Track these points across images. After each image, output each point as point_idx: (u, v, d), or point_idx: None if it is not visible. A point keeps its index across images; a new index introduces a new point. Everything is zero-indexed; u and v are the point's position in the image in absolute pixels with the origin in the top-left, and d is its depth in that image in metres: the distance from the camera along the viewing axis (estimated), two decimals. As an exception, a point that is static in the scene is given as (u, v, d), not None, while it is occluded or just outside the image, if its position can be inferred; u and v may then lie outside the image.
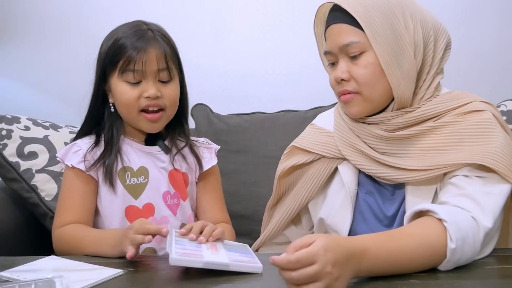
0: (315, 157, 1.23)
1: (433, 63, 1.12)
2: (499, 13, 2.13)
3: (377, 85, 1.08)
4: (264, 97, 2.20)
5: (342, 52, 1.10)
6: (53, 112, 2.16)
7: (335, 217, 1.18)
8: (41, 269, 0.99)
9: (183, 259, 0.92)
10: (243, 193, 1.92)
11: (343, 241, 0.84)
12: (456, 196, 0.99)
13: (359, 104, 1.11)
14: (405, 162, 1.08)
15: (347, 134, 1.18)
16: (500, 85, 2.11)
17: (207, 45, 2.22)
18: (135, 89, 1.21)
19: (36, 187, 1.66)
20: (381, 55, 1.06)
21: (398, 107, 1.11)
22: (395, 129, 1.11)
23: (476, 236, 0.92)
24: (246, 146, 1.96)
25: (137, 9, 2.20)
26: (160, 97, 1.22)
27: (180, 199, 1.29)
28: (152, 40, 1.21)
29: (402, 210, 1.11)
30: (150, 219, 1.24)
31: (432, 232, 0.90)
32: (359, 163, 1.15)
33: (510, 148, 1.03)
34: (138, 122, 1.24)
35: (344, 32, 1.09)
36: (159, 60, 1.21)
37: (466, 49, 2.10)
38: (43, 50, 2.24)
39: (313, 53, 2.16)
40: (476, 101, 1.10)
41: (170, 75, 1.24)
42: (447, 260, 0.90)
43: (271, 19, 2.20)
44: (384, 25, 1.06)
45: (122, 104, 1.23)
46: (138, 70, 1.19)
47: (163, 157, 1.29)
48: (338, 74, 1.11)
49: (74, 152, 1.25)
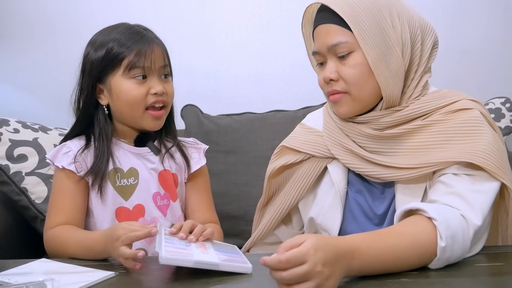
0: (305, 157, 1.23)
1: (421, 62, 1.12)
2: (486, 12, 2.15)
3: (366, 85, 1.09)
4: (254, 97, 2.21)
5: (331, 52, 1.10)
6: (42, 114, 2.15)
7: (325, 216, 1.18)
8: (32, 272, 0.99)
9: (174, 257, 0.91)
10: (234, 194, 1.92)
11: (333, 241, 0.84)
12: (445, 194, 1.00)
13: (348, 103, 1.12)
14: (394, 161, 1.09)
15: (336, 133, 1.19)
16: (488, 83, 2.13)
17: (196, 46, 2.22)
18: (141, 86, 1.22)
19: (26, 189, 1.65)
20: (369, 55, 1.07)
21: (386, 106, 1.12)
22: (384, 128, 1.12)
23: (465, 234, 0.93)
24: (236, 147, 1.97)
25: (125, 11, 2.20)
26: (165, 94, 1.25)
27: (170, 200, 1.30)
28: (154, 39, 1.26)
29: (392, 208, 1.12)
30: (140, 220, 1.25)
31: (422, 231, 0.91)
32: (348, 162, 1.15)
33: (498, 146, 1.04)
34: (142, 120, 1.25)
35: (332, 32, 1.09)
36: (164, 57, 1.26)
37: (454, 47, 2.12)
38: (30, 52, 2.23)
39: (302, 53, 2.17)
40: (464, 99, 1.11)
41: (170, 71, 1.29)
42: (438, 258, 0.90)
43: (260, 20, 2.21)
44: (372, 25, 1.07)
45: (128, 102, 1.22)
46: (148, 67, 1.21)
47: (153, 158, 1.29)
48: (327, 74, 1.11)
49: (64, 154, 1.24)
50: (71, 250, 1.13)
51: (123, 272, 0.98)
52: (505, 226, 1.09)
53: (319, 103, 1.96)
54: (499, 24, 2.15)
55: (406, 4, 1.14)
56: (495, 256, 1.00)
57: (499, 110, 1.94)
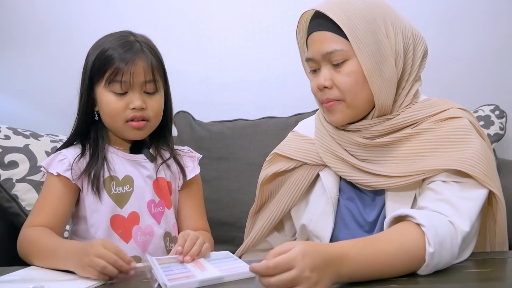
0: (297, 164, 1.24)
1: (412, 71, 1.13)
2: (477, 20, 2.17)
3: (360, 93, 1.10)
4: (246, 104, 2.22)
5: (325, 60, 1.11)
6: (33, 120, 2.14)
7: (317, 223, 1.19)
8: (21, 280, 0.99)
9: (180, 283, 0.91)
10: (226, 200, 1.92)
11: (321, 247, 0.85)
12: (434, 201, 1.01)
13: (341, 111, 1.12)
14: (384, 169, 1.10)
15: (327, 141, 1.19)
16: (477, 90, 2.15)
17: (188, 53, 2.23)
18: (121, 100, 1.21)
19: (16, 196, 1.64)
20: (364, 63, 1.07)
21: (378, 114, 1.12)
22: (375, 136, 1.13)
23: (453, 240, 0.93)
24: (229, 153, 1.97)
25: (118, 18, 2.20)
26: (145, 109, 1.23)
27: (164, 208, 1.29)
28: (140, 52, 1.22)
29: (382, 215, 1.13)
30: (134, 228, 1.24)
31: (411, 237, 0.91)
32: (339, 170, 1.16)
33: (486, 154, 1.05)
34: (124, 131, 1.25)
35: (327, 40, 1.10)
36: (146, 72, 1.22)
37: (445, 55, 2.14)
38: (24, 59, 2.23)
39: (294, 60, 2.17)
40: (453, 108, 1.12)
41: (156, 87, 1.24)
42: (426, 264, 0.91)
43: (252, 27, 2.22)
44: (367, 34, 1.07)
45: (108, 114, 1.23)
46: (125, 82, 1.19)
47: (148, 165, 1.29)
48: (321, 81, 1.11)
49: (60, 161, 1.23)
50: (37, 256, 1.10)
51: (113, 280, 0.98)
52: (493, 233, 1.09)
53: (311, 110, 1.97)
54: (489, 33, 2.17)
55: (399, 13, 1.15)
56: (483, 262, 1.01)
57: (489, 117, 1.96)
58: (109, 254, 0.96)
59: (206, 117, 2.10)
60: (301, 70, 1.27)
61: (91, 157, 1.24)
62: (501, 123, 1.97)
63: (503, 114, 1.99)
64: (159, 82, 1.25)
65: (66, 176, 1.21)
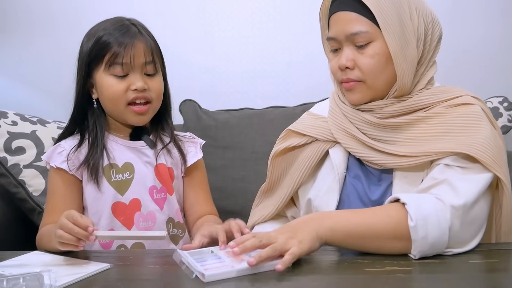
0: (308, 140, 1.24)
1: (428, 55, 1.14)
2: (485, 11, 2.15)
3: (382, 75, 1.11)
4: (252, 93, 2.21)
5: (348, 40, 1.11)
6: (40, 107, 2.15)
7: (322, 199, 1.20)
8: (27, 264, 0.99)
9: (217, 273, 0.88)
10: (232, 189, 1.93)
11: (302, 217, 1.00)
12: (431, 184, 1.02)
13: (362, 91, 1.13)
14: (394, 148, 1.11)
15: (340, 119, 1.20)
16: (485, 82, 2.14)
17: (195, 41, 2.22)
18: (122, 82, 1.22)
19: (23, 182, 1.65)
20: (391, 45, 1.08)
21: (397, 95, 1.13)
22: (387, 116, 1.13)
23: (440, 213, 0.94)
24: (234, 142, 1.97)
25: (125, 5, 2.19)
26: (147, 90, 1.23)
27: (167, 194, 1.30)
28: (138, 34, 1.23)
29: (387, 195, 1.13)
30: (136, 214, 1.25)
31: (394, 213, 0.96)
32: (350, 147, 1.17)
33: (496, 142, 1.05)
34: (125, 115, 1.25)
35: (352, 21, 1.10)
36: (146, 53, 1.23)
37: (453, 46, 2.12)
38: (31, 45, 2.23)
39: (301, 49, 2.19)
40: (467, 95, 1.13)
41: (156, 68, 1.26)
42: (413, 240, 0.93)
43: (260, 16, 2.21)
44: (393, 16, 1.08)
45: (109, 97, 1.23)
46: (126, 63, 1.20)
47: (148, 151, 1.29)
48: (343, 62, 1.12)
49: (58, 153, 1.25)
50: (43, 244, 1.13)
51: (119, 264, 0.99)
52: (499, 223, 1.10)
53: (318, 100, 1.95)
54: (498, 24, 2.15)
55: None
56: (489, 253, 1.01)
57: (497, 109, 1.95)
58: (66, 223, 0.98)
59: (212, 106, 2.09)
60: (308, 59, 1.27)
61: (90, 147, 1.25)
62: (510, 115, 1.96)
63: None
64: (157, 64, 1.26)
65: (63, 167, 1.22)
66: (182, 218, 1.34)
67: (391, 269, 0.90)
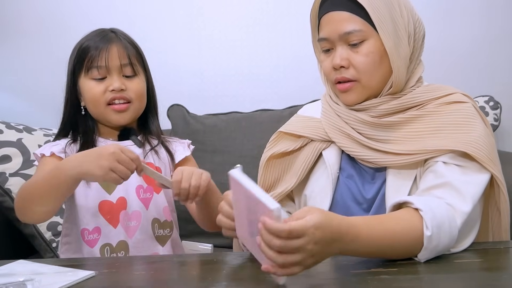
0: (304, 142, 1.23)
1: (416, 53, 1.15)
2: (471, 12, 2.17)
3: (376, 73, 1.11)
4: (240, 96, 2.21)
5: (341, 40, 1.11)
6: (27, 115, 2.14)
7: (316, 199, 1.19)
8: (11, 273, 0.98)
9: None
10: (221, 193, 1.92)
11: (336, 222, 0.84)
12: (436, 186, 1.01)
13: (357, 91, 1.13)
14: (389, 147, 1.11)
15: (334, 119, 1.20)
16: (472, 81, 2.14)
17: (182, 46, 2.22)
18: (100, 84, 1.27)
19: (10, 190, 1.64)
20: (387, 42, 1.08)
21: (392, 93, 1.13)
22: (381, 115, 1.14)
23: (452, 222, 0.94)
24: (223, 146, 1.97)
25: (112, 11, 2.18)
26: (125, 90, 1.27)
27: (153, 193, 1.31)
28: (114, 39, 1.29)
29: (381, 193, 1.13)
30: (122, 213, 1.26)
31: (411, 221, 0.93)
32: (345, 146, 1.17)
33: (489, 139, 1.06)
34: (106, 115, 1.28)
35: (345, 20, 1.10)
36: (121, 55, 1.27)
37: (440, 47, 2.13)
38: (17, 52, 2.22)
39: (288, 52, 2.19)
40: (458, 93, 1.14)
41: (134, 70, 1.30)
42: (424, 247, 0.91)
43: (246, 20, 2.21)
44: (386, 13, 1.08)
45: (89, 100, 1.28)
46: (101, 66, 1.26)
47: (136, 151, 1.30)
48: (337, 61, 1.12)
49: (53, 145, 1.27)
50: (41, 187, 1.12)
51: (104, 272, 0.98)
52: (496, 220, 1.10)
53: (306, 102, 1.96)
54: (483, 24, 2.16)
55: None
56: (485, 252, 1.01)
57: (483, 108, 1.96)
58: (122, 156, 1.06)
59: (200, 110, 2.09)
60: (295, 62, 1.27)
61: (82, 145, 1.28)
62: (496, 114, 1.97)
63: (498, 105, 1.99)
64: (136, 66, 1.30)
65: (61, 156, 1.24)
66: (170, 215, 1.34)
67: (376, 271, 0.90)
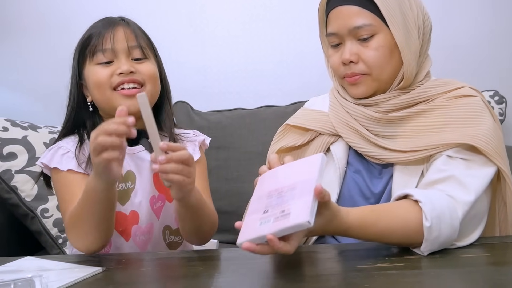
0: (312, 136, 1.23)
1: (424, 46, 1.15)
2: (476, 6, 2.16)
3: (386, 67, 1.11)
4: (244, 93, 2.21)
5: (351, 34, 1.11)
6: (32, 112, 2.14)
7: None
8: (19, 270, 0.99)
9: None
10: (226, 190, 1.92)
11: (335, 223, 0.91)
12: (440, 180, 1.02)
13: (366, 84, 1.13)
14: (396, 144, 1.11)
15: (342, 114, 1.19)
16: (477, 76, 2.13)
17: (186, 42, 2.22)
18: (106, 68, 1.15)
19: (16, 187, 1.65)
20: (397, 35, 1.08)
21: (402, 87, 1.13)
22: (390, 110, 1.13)
23: (453, 213, 0.94)
24: (227, 142, 1.97)
25: (115, 7, 2.18)
26: (135, 73, 1.15)
27: (165, 201, 1.23)
28: (120, 22, 1.19)
29: (388, 188, 1.13)
30: (134, 227, 1.18)
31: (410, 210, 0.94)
32: (352, 141, 1.16)
33: (497, 133, 1.06)
34: (113, 101, 1.14)
35: (354, 14, 1.09)
36: (128, 37, 1.17)
37: (444, 41, 2.12)
38: (21, 50, 2.23)
39: (292, 48, 2.18)
40: (467, 87, 1.13)
41: (144, 53, 1.18)
42: (425, 239, 0.92)
43: (250, 16, 2.21)
44: (396, 7, 1.08)
45: (94, 85, 1.16)
46: (107, 49, 1.15)
47: (147, 156, 1.20)
48: (347, 56, 1.11)
49: (63, 155, 1.15)
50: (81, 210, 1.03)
51: (111, 268, 0.98)
52: (504, 216, 1.10)
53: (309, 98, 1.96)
54: (488, 18, 2.16)
55: None
56: (491, 247, 1.01)
57: (488, 103, 1.95)
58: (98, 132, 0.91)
59: (204, 107, 2.09)
60: (299, 58, 1.26)
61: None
62: (501, 108, 1.97)
63: (503, 99, 1.99)
64: (146, 50, 1.19)
65: (80, 171, 1.13)
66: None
67: (383, 266, 0.90)
